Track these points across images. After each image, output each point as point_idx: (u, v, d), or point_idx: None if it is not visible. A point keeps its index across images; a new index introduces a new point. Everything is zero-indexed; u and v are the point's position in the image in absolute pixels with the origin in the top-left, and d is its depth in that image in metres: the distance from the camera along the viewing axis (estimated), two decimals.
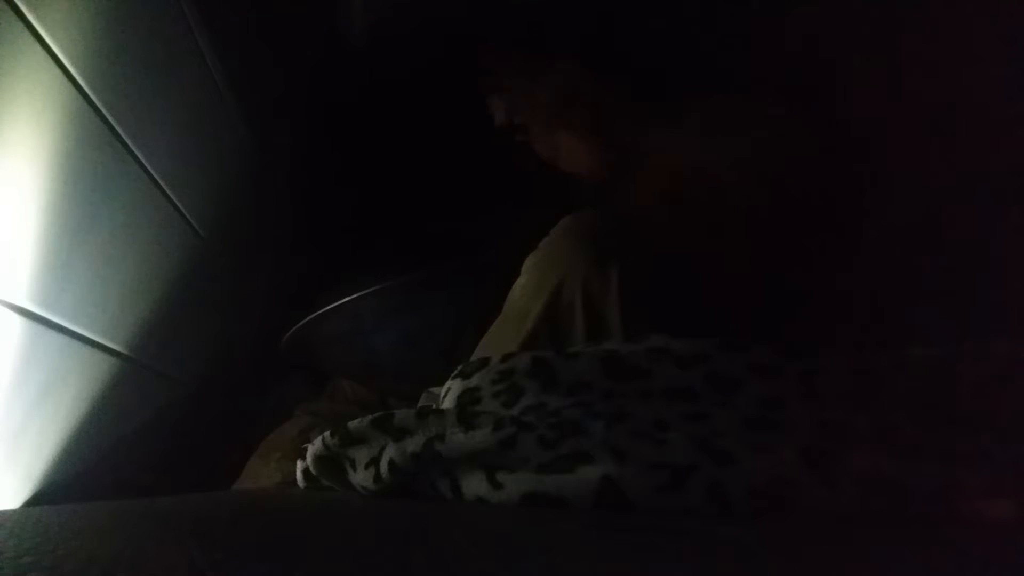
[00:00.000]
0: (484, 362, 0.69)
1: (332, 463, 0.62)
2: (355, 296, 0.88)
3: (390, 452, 0.56)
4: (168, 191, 0.76)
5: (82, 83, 0.58)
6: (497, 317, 0.81)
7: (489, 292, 0.82)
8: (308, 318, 0.92)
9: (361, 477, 0.58)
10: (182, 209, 0.80)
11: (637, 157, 0.90)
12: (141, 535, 0.40)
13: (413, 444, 0.55)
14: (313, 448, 0.63)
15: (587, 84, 0.95)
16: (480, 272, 0.89)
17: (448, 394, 0.69)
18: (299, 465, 0.67)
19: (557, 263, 0.74)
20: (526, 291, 0.76)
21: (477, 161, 1.19)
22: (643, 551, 0.37)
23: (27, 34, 0.51)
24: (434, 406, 0.73)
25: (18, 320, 0.56)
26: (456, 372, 0.70)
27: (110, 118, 0.62)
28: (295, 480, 0.68)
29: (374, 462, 0.57)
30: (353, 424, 0.60)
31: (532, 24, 1.03)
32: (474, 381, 0.67)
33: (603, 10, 0.99)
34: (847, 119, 0.83)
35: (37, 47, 0.52)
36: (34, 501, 0.62)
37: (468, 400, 0.66)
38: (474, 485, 0.53)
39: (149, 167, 0.70)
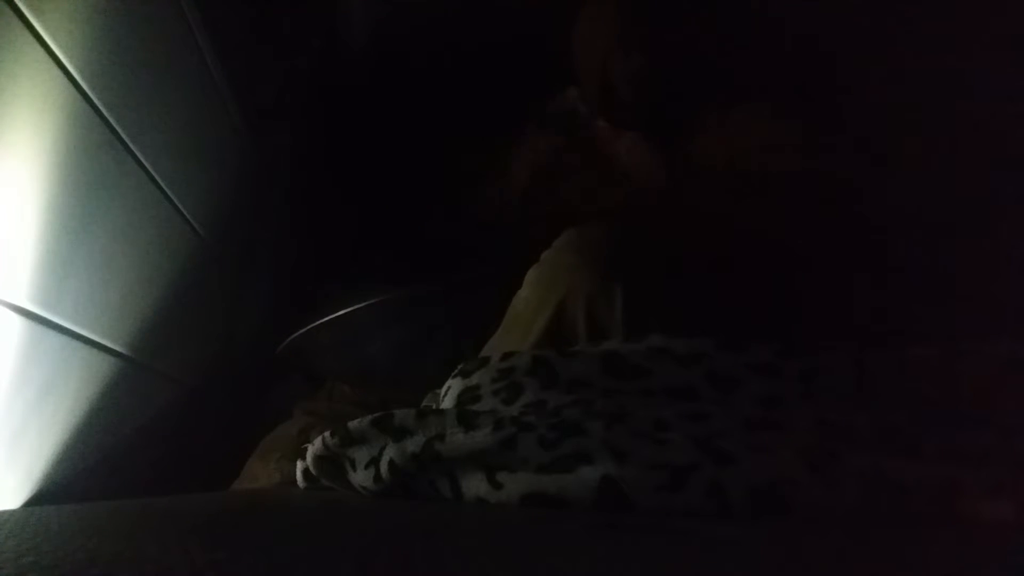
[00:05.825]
0: (484, 361, 0.69)
1: (332, 463, 0.62)
2: (353, 308, 0.88)
3: (390, 452, 0.56)
4: (168, 191, 0.76)
5: (82, 83, 0.58)
6: (496, 329, 0.81)
7: (489, 305, 0.81)
8: (305, 328, 0.92)
9: (361, 477, 0.58)
10: (182, 209, 0.80)
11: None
12: (141, 535, 0.40)
13: (413, 444, 0.55)
14: (313, 448, 0.63)
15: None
16: (480, 284, 0.88)
17: (448, 393, 0.69)
18: (299, 465, 0.67)
19: (560, 279, 0.73)
20: (528, 305, 0.75)
21: (480, 168, 1.19)
22: (643, 551, 0.37)
23: (27, 34, 0.51)
24: (434, 406, 0.73)
25: (18, 320, 0.55)
26: (456, 371, 0.70)
27: (110, 118, 0.62)
28: (295, 480, 0.68)
29: (374, 462, 0.57)
30: (353, 424, 0.60)
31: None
32: (474, 379, 0.67)
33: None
34: (848, 119, 0.83)
35: (37, 47, 0.52)
36: (34, 501, 0.62)
37: (468, 398, 0.66)
38: (474, 485, 0.53)
39: (149, 167, 0.70)
